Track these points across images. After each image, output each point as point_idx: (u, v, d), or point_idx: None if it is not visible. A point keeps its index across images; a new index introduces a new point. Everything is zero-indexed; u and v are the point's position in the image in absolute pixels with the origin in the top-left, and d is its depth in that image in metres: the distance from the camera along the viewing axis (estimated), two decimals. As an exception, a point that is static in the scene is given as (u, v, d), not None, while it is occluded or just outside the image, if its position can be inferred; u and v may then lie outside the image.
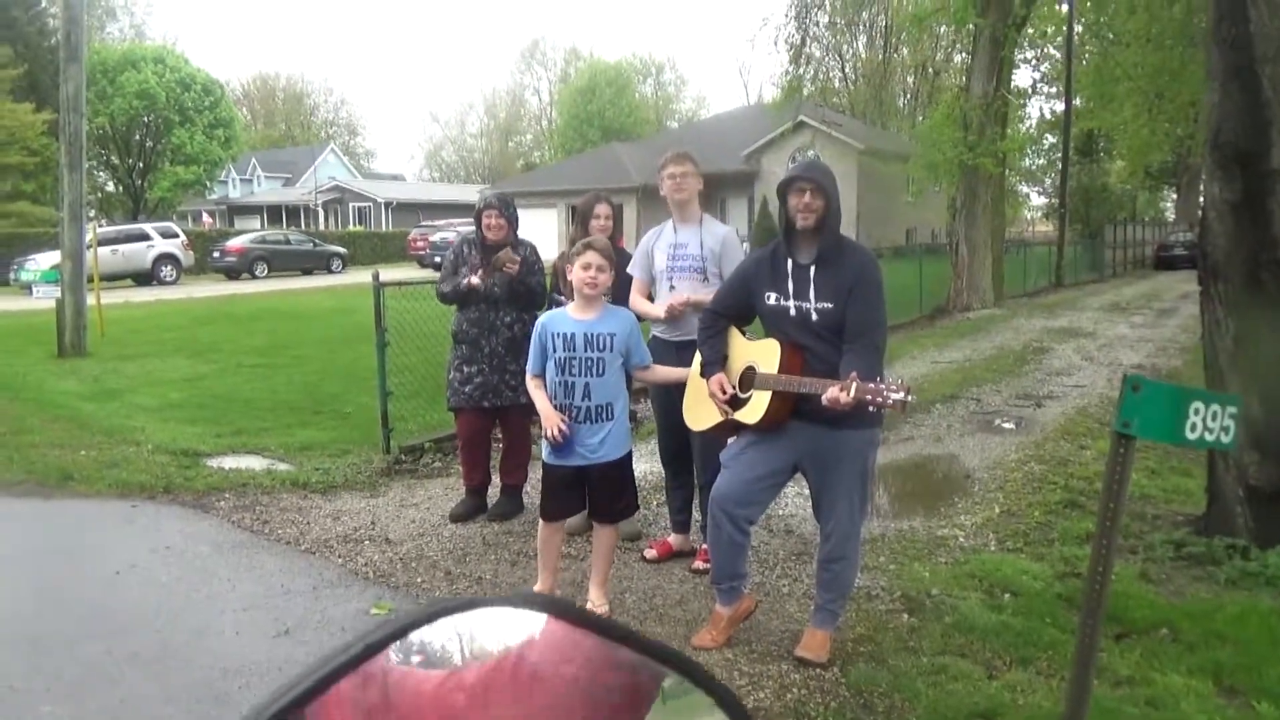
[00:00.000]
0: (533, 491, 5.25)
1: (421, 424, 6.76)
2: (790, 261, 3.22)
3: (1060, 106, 28.52)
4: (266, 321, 15.22)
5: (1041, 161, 39.44)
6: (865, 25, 48.32)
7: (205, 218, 51.08)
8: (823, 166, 3.30)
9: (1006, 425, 7.41)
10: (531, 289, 4.84)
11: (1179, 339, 12.81)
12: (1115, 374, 9.88)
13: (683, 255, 4.13)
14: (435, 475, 5.95)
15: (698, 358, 3.52)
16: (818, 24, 23.84)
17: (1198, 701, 2.97)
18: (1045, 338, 13.11)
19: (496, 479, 5.20)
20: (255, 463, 6.19)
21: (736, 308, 3.42)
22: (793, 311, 3.18)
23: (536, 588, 3.77)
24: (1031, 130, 32.42)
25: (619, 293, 4.16)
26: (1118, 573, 3.81)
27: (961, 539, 4.69)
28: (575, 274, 3.52)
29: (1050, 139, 35.02)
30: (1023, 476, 5.84)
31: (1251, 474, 4.21)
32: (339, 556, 4.40)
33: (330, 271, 30.82)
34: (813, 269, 3.17)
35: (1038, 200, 52.23)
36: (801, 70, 24.32)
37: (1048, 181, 43.17)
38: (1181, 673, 3.17)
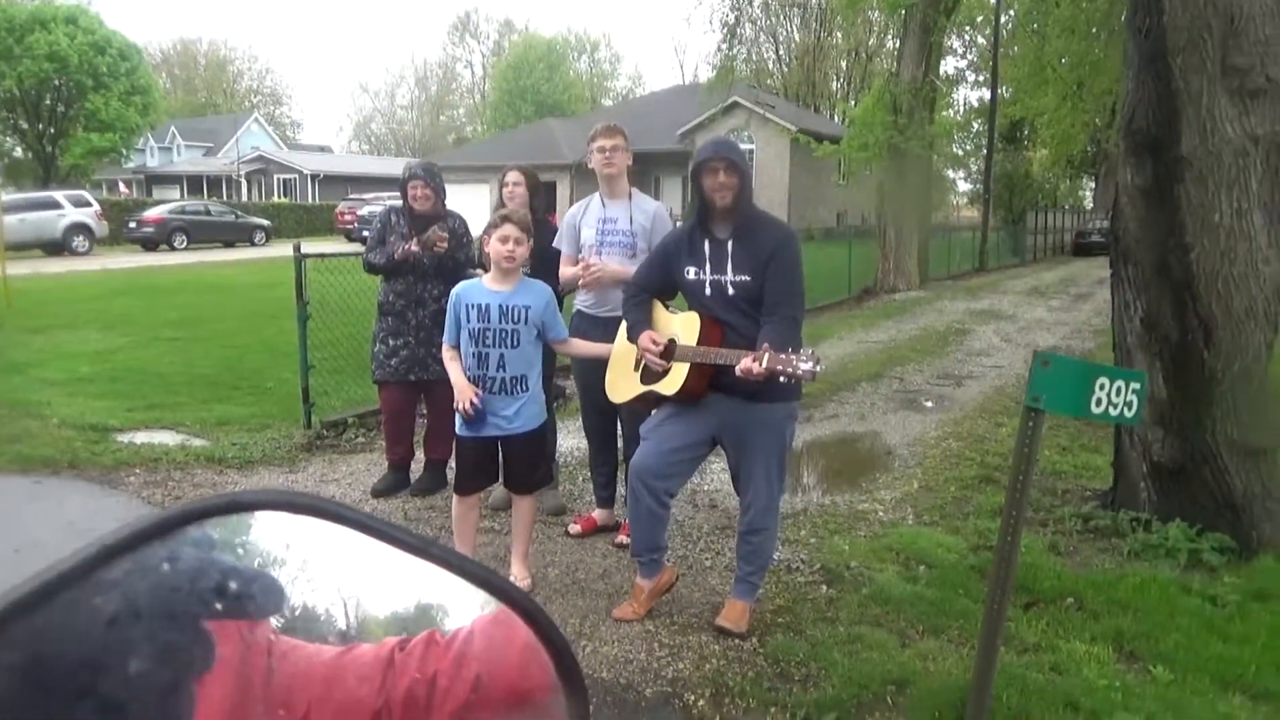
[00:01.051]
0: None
1: (345, 399, 6.62)
2: (708, 238, 3.23)
3: (987, 95, 29.18)
4: (185, 294, 14.75)
5: (968, 147, 40.32)
6: (800, 7, 48.72)
7: (121, 187, 49.18)
8: (731, 143, 3.34)
9: (927, 404, 7.58)
10: (460, 264, 4.76)
11: (1093, 322, 13.24)
12: (1032, 355, 10.16)
13: (612, 230, 4.09)
14: (358, 450, 5.84)
15: (621, 333, 3.51)
16: (752, 4, 23.88)
17: (1099, 667, 3.08)
18: (967, 320, 13.44)
19: (420, 454, 5.13)
20: (168, 438, 5.99)
21: (658, 282, 3.42)
22: (708, 287, 3.20)
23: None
24: (958, 117, 33.12)
25: (546, 267, 4.10)
26: (1027, 545, 3.94)
27: (881, 513, 4.79)
28: (492, 246, 3.47)
29: (976, 125, 35.84)
30: (941, 453, 5.98)
31: (1155, 451, 4.37)
32: (255, 533, 4.29)
33: (253, 244, 30.02)
34: (730, 243, 3.18)
35: (963, 186, 53.44)
36: (735, 50, 24.37)
37: (973, 167, 44.17)
38: (1085, 640, 3.28)
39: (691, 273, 3.25)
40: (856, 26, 42.12)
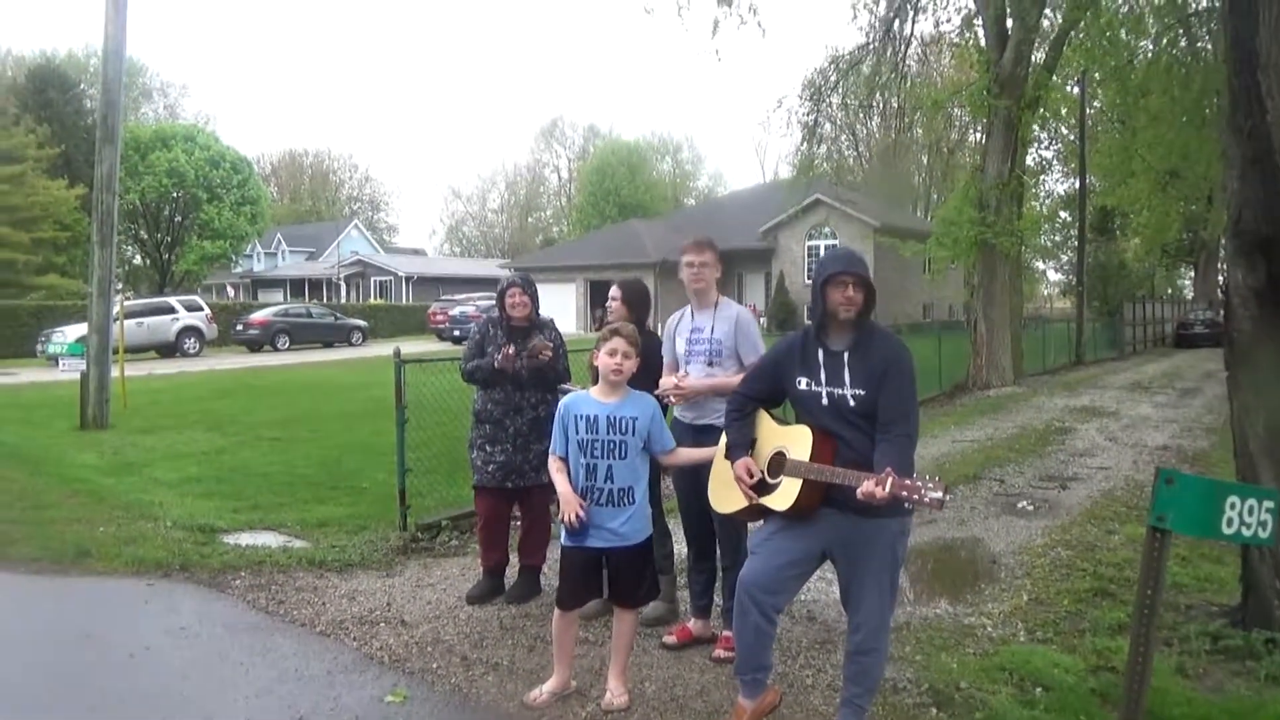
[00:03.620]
0: (550, 573, 5.19)
1: (439, 500, 6.72)
2: (822, 349, 3.21)
3: (1074, 184, 28.83)
4: (286, 394, 15.33)
5: (1057, 238, 39.69)
6: (879, 106, 49.24)
7: (229, 290, 51.96)
8: (859, 257, 3.27)
9: (1031, 508, 7.29)
10: (559, 374, 4.88)
11: (1204, 419, 12.65)
12: (1140, 455, 9.75)
13: (697, 340, 4.19)
14: (452, 554, 5.89)
15: (723, 444, 3.49)
16: (830, 105, 24.28)
17: (1244, 809, 2.84)
18: (1067, 417, 12.99)
19: (514, 559, 5.14)
20: (271, 539, 6.15)
21: (766, 391, 3.39)
22: (825, 398, 3.15)
23: (551, 680, 3.68)
24: (1045, 209, 32.71)
25: (649, 375, 4.13)
26: (1154, 667, 3.69)
27: (989, 628, 4.57)
28: (601, 360, 3.53)
29: (1064, 215, 35.31)
30: (1050, 562, 5.72)
31: (1288, 565, 4.10)
32: (354, 639, 4.33)
33: (351, 344, 31.22)
34: (846, 355, 3.15)
35: (1055, 276, 52.43)
36: (815, 149, 24.70)
37: (1064, 258, 43.37)
38: (1225, 777, 3.04)
39: (804, 384, 3.21)
40: (937, 122, 42.40)
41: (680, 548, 4.93)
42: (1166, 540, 2.45)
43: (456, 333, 29.47)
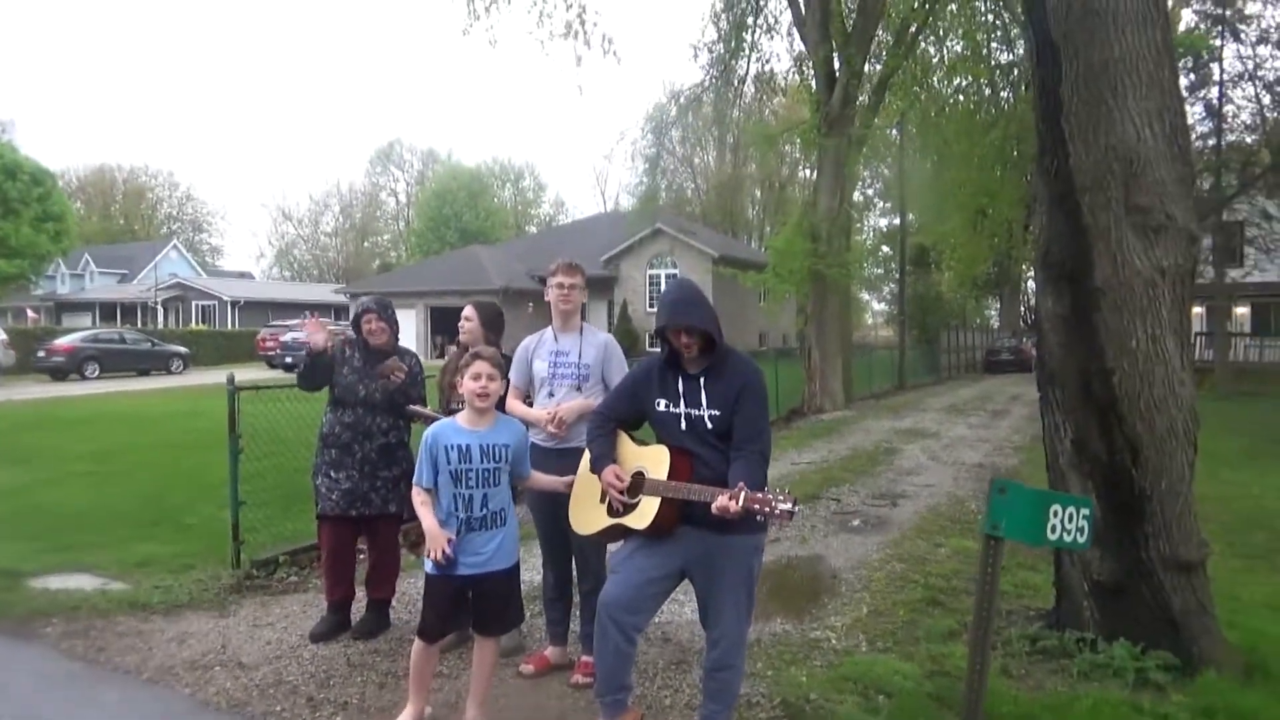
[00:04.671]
0: (399, 606, 5.02)
1: (274, 534, 6.39)
2: (679, 374, 3.29)
3: (895, 220, 30.77)
4: (98, 426, 14.21)
5: (880, 271, 42.14)
6: (716, 140, 51.07)
7: (30, 314, 47.68)
8: (688, 300, 3.24)
9: (867, 525, 7.66)
10: (411, 399, 4.74)
11: (1013, 439, 13.69)
12: (960, 473, 10.43)
13: (563, 363, 4.15)
14: (291, 591, 5.60)
15: (584, 463, 3.50)
16: (670, 139, 25.00)
17: (1067, 795, 3.07)
18: (894, 438, 13.75)
19: (360, 593, 4.94)
20: (86, 582, 5.67)
21: (626, 412, 3.45)
22: (683, 420, 3.23)
23: (405, 714, 3.56)
24: (869, 242, 34.76)
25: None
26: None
27: (834, 640, 4.76)
28: (466, 385, 3.46)
29: (886, 249, 37.63)
30: (886, 576, 6.02)
31: (1094, 569, 4.48)
32: (186, 685, 4.04)
33: (170, 372, 29.30)
34: (702, 378, 3.25)
35: (878, 306, 55.67)
36: (657, 180, 25.30)
37: (886, 289, 46.11)
38: (1049, 766, 3.27)
39: (663, 405, 3.29)
40: (770, 158, 44.32)
41: (533, 575, 4.89)
42: (1000, 547, 2.64)
43: (289, 360, 28.18)
